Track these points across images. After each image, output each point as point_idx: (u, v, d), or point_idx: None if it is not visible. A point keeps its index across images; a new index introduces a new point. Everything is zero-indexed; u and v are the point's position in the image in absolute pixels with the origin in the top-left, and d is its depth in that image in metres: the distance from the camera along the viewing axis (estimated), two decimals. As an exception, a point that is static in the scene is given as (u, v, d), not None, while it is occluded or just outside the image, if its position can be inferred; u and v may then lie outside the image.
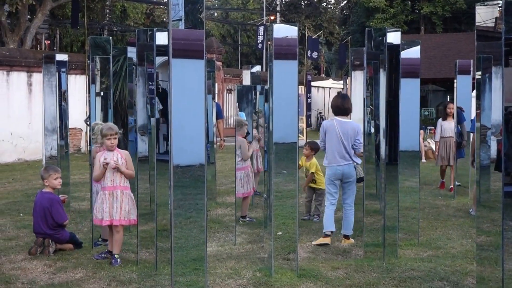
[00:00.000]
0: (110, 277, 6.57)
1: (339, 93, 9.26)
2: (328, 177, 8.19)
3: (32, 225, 7.96)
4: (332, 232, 8.10)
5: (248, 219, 9.49)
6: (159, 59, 6.82)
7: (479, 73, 5.94)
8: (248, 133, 10.33)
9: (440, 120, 13.17)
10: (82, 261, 7.23)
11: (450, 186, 12.52)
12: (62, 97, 10.02)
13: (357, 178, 8.12)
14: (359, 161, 8.14)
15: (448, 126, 12.70)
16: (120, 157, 7.21)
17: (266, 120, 8.89)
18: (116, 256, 7.11)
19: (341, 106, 8.17)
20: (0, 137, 19.06)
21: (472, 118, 10.89)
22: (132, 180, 8.55)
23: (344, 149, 8.03)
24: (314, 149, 9.76)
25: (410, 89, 7.77)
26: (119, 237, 7.18)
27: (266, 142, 8.57)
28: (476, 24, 6.14)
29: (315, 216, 9.71)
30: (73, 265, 7.06)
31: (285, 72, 6.55)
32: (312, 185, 9.82)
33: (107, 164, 7.07)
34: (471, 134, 10.54)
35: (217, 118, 12.59)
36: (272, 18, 45.79)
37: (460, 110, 12.21)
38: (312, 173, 9.69)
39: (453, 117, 12.56)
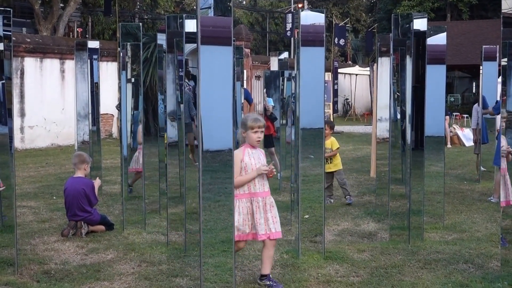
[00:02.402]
0: (141, 258, 6.73)
1: None
2: None
3: (64, 208, 8.15)
4: None
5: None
6: (188, 46, 6.91)
7: (505, 59, 5.98)
8: (275, 118, 10.45)
9: (476, 105, 12.77)
10: (114, 243, 7.40)
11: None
12: (94, 84, 10.22)
13: None
14: None
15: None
16: (262, 155, 5.99)
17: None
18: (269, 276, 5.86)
19: None
20: (34, 122, 19.39)
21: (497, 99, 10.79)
22: (162, 165, 8.73)
23: None
24: (331, 127, 10.13)
25: (436, 75, 7.80)
26: (272, 253, 5.92)
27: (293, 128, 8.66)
28: (502, 11, 6.16)
29: (347, 197, 9.82)
30: (105, 247, 7.23)
31: (312, 59, 6.62)
32: (329, 167, 9.77)
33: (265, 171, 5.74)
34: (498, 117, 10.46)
35: (249, 103, 12.68)
36: (299, 6, 45.57)
37: (483, 96, 12.07)
38: (337, 148, 9.83)
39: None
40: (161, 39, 8.41)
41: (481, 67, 12.30)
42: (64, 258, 6.79)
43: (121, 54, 8.66)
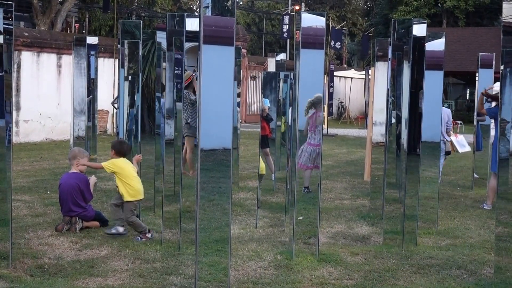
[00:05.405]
0: (135, 255, 6.72)
1: None
2: None
3: (58, 203, 8.13)
4: None
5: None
6: (189, 45, 6.92)
7: (502, 67, 6.00)
8: (271, 119, 10.45)
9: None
10: (108, 239, 7.38)
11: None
12: (91, 80, 10.21)
13: (445, 151, 10.73)
14: (448, 138, 10.75)
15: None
16: None
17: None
18: None
19: None
20: (29, 116, 19.36)
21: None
22: (157, 162, 8.74)
23: None
24: (117, 152, 7.66)
25: (433, 81, 7.83)
26: None
27: (290, 129, 8.67)
28: (503, 19, 6.21)
29: (137, 237, 7.43)
30: (99, 243, 7.21)
31: (311, 61, 6.63)
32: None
33: None
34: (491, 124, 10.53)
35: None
36: (297, 8, 45.63)
37: None
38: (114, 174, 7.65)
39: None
40: (160, 37, 8.40)
41: (477, 74, 12.31)
42: (58, 253, 6.77)
43: (120, 51, 8.65)
